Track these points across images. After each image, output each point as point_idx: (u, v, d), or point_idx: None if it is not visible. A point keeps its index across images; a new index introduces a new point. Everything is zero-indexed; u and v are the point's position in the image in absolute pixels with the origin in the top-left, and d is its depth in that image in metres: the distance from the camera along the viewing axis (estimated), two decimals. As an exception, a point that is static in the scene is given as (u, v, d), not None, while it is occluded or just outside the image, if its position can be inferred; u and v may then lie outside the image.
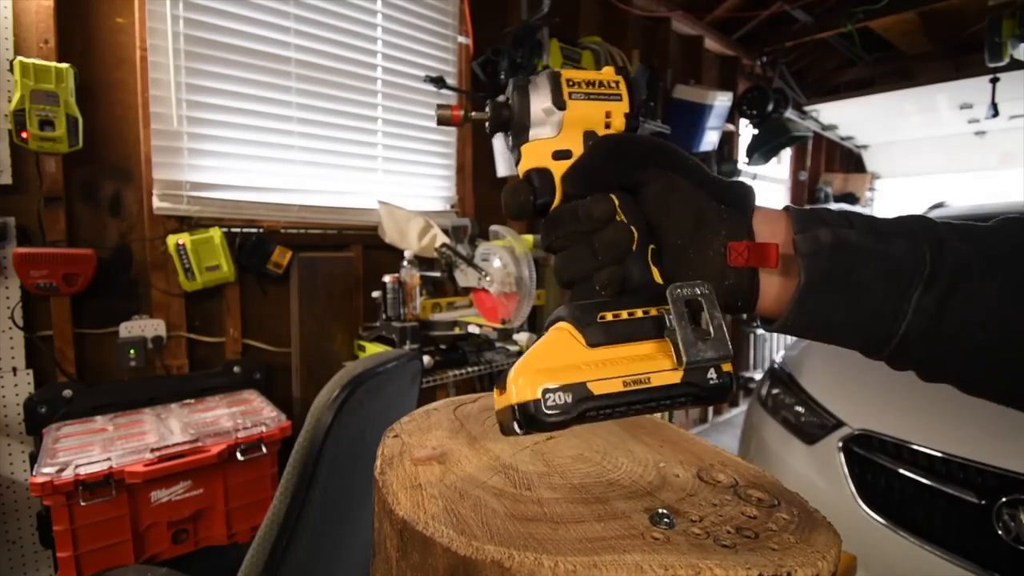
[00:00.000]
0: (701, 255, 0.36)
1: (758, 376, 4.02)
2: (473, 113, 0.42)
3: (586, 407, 0.30)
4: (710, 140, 3.17)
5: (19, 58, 1.33)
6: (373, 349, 1.86)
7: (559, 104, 0.39)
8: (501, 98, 0.41)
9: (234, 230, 1.73)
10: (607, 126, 0.41)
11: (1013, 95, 3.63)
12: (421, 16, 2.19)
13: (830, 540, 0.32)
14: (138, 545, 1.21)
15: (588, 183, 0.38)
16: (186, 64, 1.64)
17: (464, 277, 2.11)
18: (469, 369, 1.83)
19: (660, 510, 0.33)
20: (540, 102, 0.39)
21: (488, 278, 1.95)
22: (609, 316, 0.34)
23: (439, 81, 2.09)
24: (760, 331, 4.26)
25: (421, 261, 1.97)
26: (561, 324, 0.34)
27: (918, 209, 2.32)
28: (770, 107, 3.54)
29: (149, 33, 1.57)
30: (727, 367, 0.33)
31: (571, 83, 0.39)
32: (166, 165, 1.63)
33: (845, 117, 4.88)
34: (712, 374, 0.32)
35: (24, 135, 1.32)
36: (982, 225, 0.36)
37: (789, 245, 0.35)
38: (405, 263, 1.89)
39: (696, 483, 0.39)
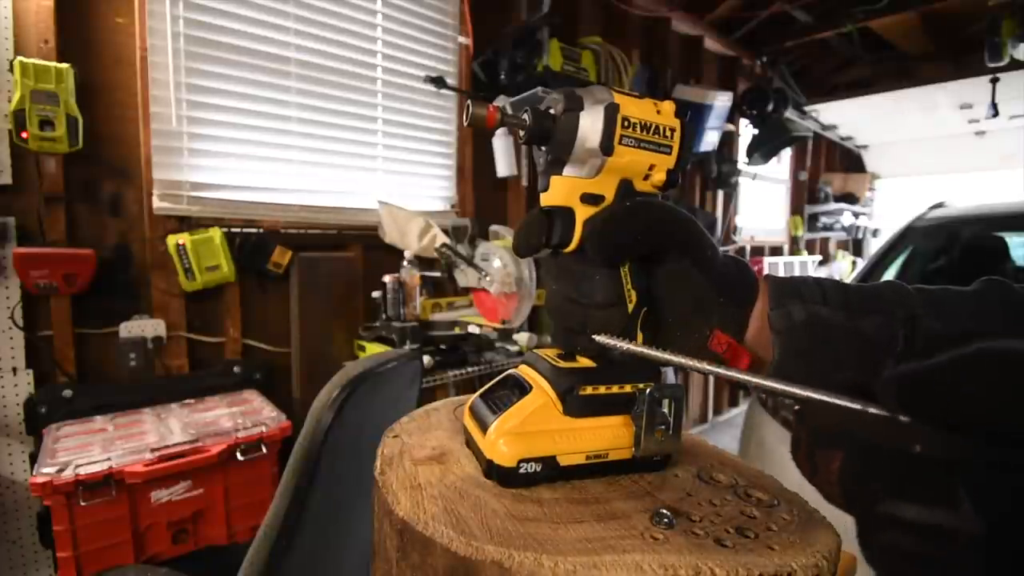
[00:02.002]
0: (687, 335, 0.39)
1: (758, 376, 4.01)
2: (510, 117, 0.36)
3: (552, 474, 0.37)
4: (710, 140, 3.17)
5: (19, 58, 1.33)
6: (373, 349, 1.86)
7: (607, 150, 0.35)
8: (544, 107, 0.36)
9: (234, 230, 1.73)
10: (646, 177, 0.39)
11: (1013, 95, 3.64)
12: (421, 16, 2.19)
13: (830, 540, 0.32)
14: (138, 545, 1.21)
15: (609, 254, 0.38)
16: (186, 64, 1.64)
17: (464, 277, 2.11)
18: (469, 369, 1.83)
19: (660, 510, 0.33)
20: (587, 138, 0.35)
21: (488, 278, 1.95)
22: (589, 390, 0.38)
23: (439, 81, 2.09)
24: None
25: (421, 261, 1.97)
26: (543, 389, 0.38)
27: (918, 209, 2.32)
28: (770, 107, 3.55)
29: (149, 33, 1.57)
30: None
31: (627, 123, 0.36)
32: (166, 165, 1.63)
33: (845, 117, 4.88)
34: (657, 456, 0.39)
35: (24, 135, 1.32)
36: (959, 291, 0.37)
37: (765, 317, 0.37)
38: (405, 263, 1.89)
39: (696, 483, 0.39)
